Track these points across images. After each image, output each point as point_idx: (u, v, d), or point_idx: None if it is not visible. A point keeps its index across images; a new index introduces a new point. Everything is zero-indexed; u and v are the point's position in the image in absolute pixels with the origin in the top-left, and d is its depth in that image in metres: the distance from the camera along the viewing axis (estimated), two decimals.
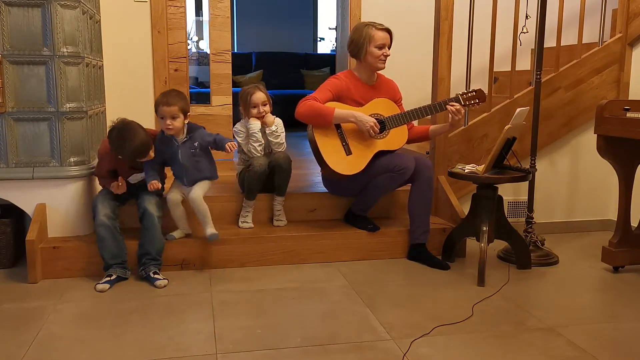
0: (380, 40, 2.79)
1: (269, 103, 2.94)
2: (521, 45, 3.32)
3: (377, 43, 2.78)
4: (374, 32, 2.79)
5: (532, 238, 2.93)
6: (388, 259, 2.90)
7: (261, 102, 2.88)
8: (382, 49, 2.79)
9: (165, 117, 2.59)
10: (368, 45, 2.79)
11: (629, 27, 3.32)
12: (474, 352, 1.93)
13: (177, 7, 3.75)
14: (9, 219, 2.75)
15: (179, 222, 2.77)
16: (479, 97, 2.79)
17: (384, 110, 2.84)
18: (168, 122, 2.59)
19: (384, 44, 2.80)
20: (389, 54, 2.83)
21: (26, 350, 1.92)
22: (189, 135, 2.68)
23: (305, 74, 7.43)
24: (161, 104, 2.59)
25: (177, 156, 2.68)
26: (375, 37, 2.79)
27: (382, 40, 2.79)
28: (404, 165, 2.75)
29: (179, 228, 2.77)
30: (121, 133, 2.50)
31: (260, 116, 2.89)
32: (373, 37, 2.78)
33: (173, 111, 2.58)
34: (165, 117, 2.59)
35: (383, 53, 2.80)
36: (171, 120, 2.59)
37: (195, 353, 1.91)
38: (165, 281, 2.51)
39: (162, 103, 2.59)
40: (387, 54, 2.82)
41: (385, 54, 2.81)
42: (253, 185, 2.86)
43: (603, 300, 2.51)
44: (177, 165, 2.71)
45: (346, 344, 1.97)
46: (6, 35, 2.53)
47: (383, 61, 2.82)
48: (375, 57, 2.80)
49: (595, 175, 3.50)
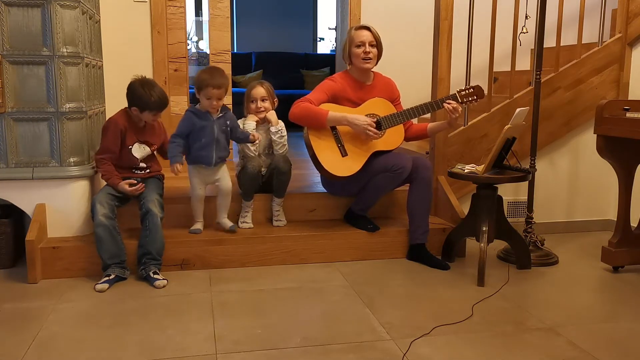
0: (358, 38, 2.79)
1: (271, 100, 2.93)
2: (521, 45, 3.32)
3: (356, 42, 2.80)
4: (353, 33, 2.83)
5: (532, 238, 2.93)
6: (388, 259, 2.90)
7: (260, 97, 2.87)
8: (360, 47, 2.79)
9: (213, 98, 2.64)
10: (350, 47, 2.82)
11: (628, 27, 3.32)
12: (474, 352, 1.93)
13: (177, 7, 3.76)
14: (8, 219, 2.75)
15: (199, 214, 2.84)
16: (477, 93, 2.77)
17: (380, 110, 2.84)
18: (215, 104, 2.66)
19: (362, 41, 2.79)
20: (368, 51, 2.79)
21: (26, 350, 1.92)
22: (223, 112, 2.73)
23: (305, 74, 7.43)
24: (210, 86, 2.61)
25: (212, 130, 2.70)
26: (353, 37, 2.81)
27: (360, 39, 2.79)
28: (401, 164, 2.75)
29: (199, 220, 2.84)
30: (144, 82, 2.64)
31: (257, 111, 2.88)
32: (352, 37, 2.82)
33: (222, 93, 2.65)
34: (212, 98, 2.64)
35: (363, 51, 2.79)
36: (217, 101, 2.66)
37: (195, 353, 1.91)
38: (165, 281, 2.51)
39: (212, 85, 2.61)
40: (367, 51, 2.79)
41: (366, 52, 2.79)
42: (248, 186, 2.86)
43: (603, 300, 2.51)
44: (209, 140, 2.70)
45: (346, 344, 1.97)
46: (6, 36, 2.53)
47: (366, 60, 2.80)
48: (357, 57, 2.81)
49: (595, 175, 3.50)
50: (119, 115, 2.71)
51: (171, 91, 3.86)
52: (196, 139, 2.71)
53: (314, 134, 2.78)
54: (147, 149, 2.74)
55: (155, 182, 2.74)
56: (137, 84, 2.63)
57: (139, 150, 2.71)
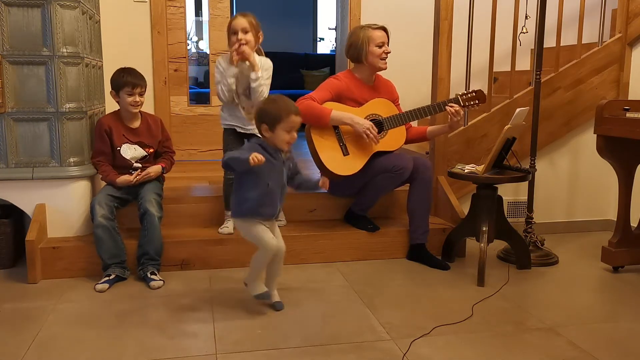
0: (379, 39, 2.80)
1: (255, 34, 2.62)
2: (521, 45, 3.32)
3: (377, 42, 2.80)
4: (372, 32, 2.81)
5: (531, 238, 2.93)
6: (388, 259, 2.90)
7: (241, 27, 2.58)
8: (382, 47, 2.81)
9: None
10: (368, 46, 2.80)
11: (628, 27, 3.32)
12: (474, 352, 1.93)
13: (177, 7, 3.76)
14: (8, 219, 2.75)
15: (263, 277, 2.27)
16: (479, 98, 2.79)
17: (383, 110, 2.84)
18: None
19: (383, 42, 2.81)
20: (389, 51, 2.84)
21: (26, 350, 1.92)
22: (288, 155, 2.24)
23: (305, 74, 7.42)
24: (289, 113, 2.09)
25: (280, 173, 2.19)
26: (373, 36, 2.80)
27: (381, 39, 2.81)
28: (402, 165, 2.75)
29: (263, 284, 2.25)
30: (121, 69, 2.68)
31: (239, 45, 2.56)
32: (371, 37, 2.80)
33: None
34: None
35: (384, 51, 2.81)
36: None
37: (195, 353, 1.91)
38: (161, 282, 2.50)
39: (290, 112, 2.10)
40: (387, 51, 2.83)
41: (386, 52, 2.82)
42: (228, 194, 2.75)
43: (603, 300, 2.51)
44: (276, 185, 2.17)
45: (346, 344, 1.97)
46: (6, 36, 2.53)
47: (384, 60, 2.83)
48: (376, 56, 2.81)
49: (595, 175, 3.50)
50: (105, 116, 2.75)
51: (171, 91, 3.87)
52: (262, 176, 2.12)
53: (316, 132, 2.78)
54: (139, 150, 2.73)
55: (153, 182, 2.73)
56: (114, 73, 2.67)
57: (128, 151, 2.71)
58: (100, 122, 2.70)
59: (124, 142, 2.70)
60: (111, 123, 2.70)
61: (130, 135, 2.72)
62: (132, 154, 2.72)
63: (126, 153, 2.70)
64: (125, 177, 2.64)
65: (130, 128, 2.72)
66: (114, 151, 2.69)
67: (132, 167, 2.72)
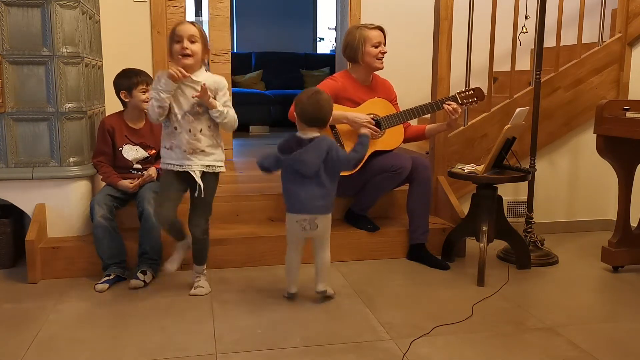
0: (375, 38, 2.80)
1: (203, 46, 2.22)
2: (521, 45, 3.32)
3: (373, 42, 2.79)
4: (368, 32, 2.81)
5: (531, 238, 2.93)
6: (388, 259, 2.90)
7: (187, 35, 2.18)
8: (378, 47, 2.80)
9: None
10: (364, 46, 2.80)
11: (628, 27, 3.32)
12: (474, 352, 1.93)
13: (177, 7, 3.76)
14: (8, 219, 2.75)
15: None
16: (477, 95, 2.78)
17: (380, 110, 2.84)
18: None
19: (380, 41, 2.81)
20: (385, 51, 2.83)
21: (26, 350, 1.92)
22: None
23: (305, 74, 7.42)
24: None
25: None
26: (369, 36, 2.80)
27: (377, 39, 2.80)
28: (400, 165, 2.75)
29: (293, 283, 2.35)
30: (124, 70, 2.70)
31: (183, 55, 2.18)
32: (368, 37, 2.80)
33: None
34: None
35: (380, 51, 2.81)
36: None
37: (195, 353, 1.90)
38: (141, 283, 2.45)
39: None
40: (384, 51, 2.82)
41: (382, 52, 2.82)
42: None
43: (603, 300, 2.51)
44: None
45: (346, 344, 1.97)
46: (6, 36, 2.53)
47: (381, 60, 2.83)
48: (372, 56, 2.80)
49: (595, 175, 3.50)
50: (109, 117, 2.75)
51: None
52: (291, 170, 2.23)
53: None
54: (141, 151, 2.73)
55: (153, 182, 2.73)
56: (115, 77, 2.69)
57: (130, 152, 2.71)
58: (103, 122, 2.71)
59: (126, 143, 2.70)
60: (114, 123, 2.69)
61: (132, 136, 2.71)
62: (134, 155, 2.72)
63: (128, 154, 2.70)
64: (126, 183, 2.63)
65: (133, 129, 2.72)
66: (115, 151, 2.69)
67: (132, 167, 2.72)
